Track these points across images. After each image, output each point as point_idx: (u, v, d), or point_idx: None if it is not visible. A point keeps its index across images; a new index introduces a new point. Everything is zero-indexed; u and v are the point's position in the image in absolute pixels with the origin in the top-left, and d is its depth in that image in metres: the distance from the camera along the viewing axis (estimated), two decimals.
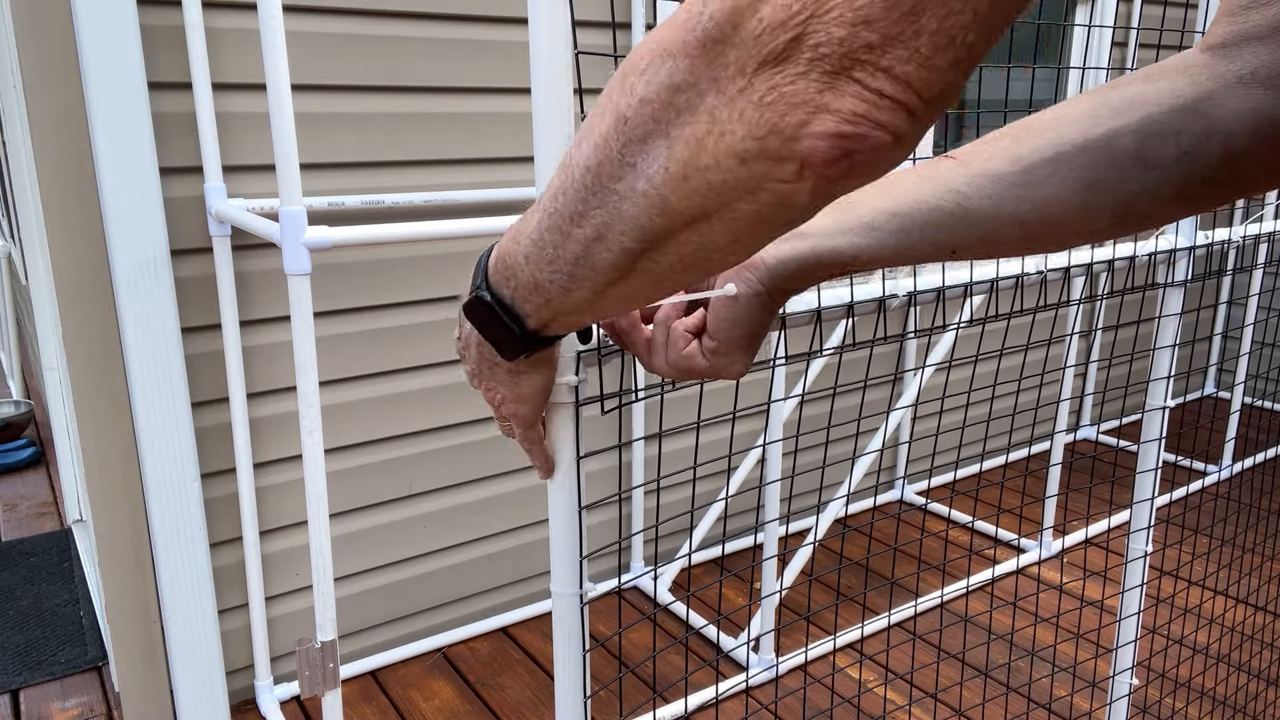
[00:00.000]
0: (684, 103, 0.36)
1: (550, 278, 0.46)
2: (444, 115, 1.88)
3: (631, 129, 0.38)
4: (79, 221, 1.53)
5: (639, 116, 0.37)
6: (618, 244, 0.41)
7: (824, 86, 0.33)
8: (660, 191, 0.38)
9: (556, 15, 0.57)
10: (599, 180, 0.40)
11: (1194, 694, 1.88)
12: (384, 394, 1.93)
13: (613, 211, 0.40)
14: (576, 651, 0.64)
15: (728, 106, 0.35)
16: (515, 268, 0.49)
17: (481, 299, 0.52)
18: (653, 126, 0.37)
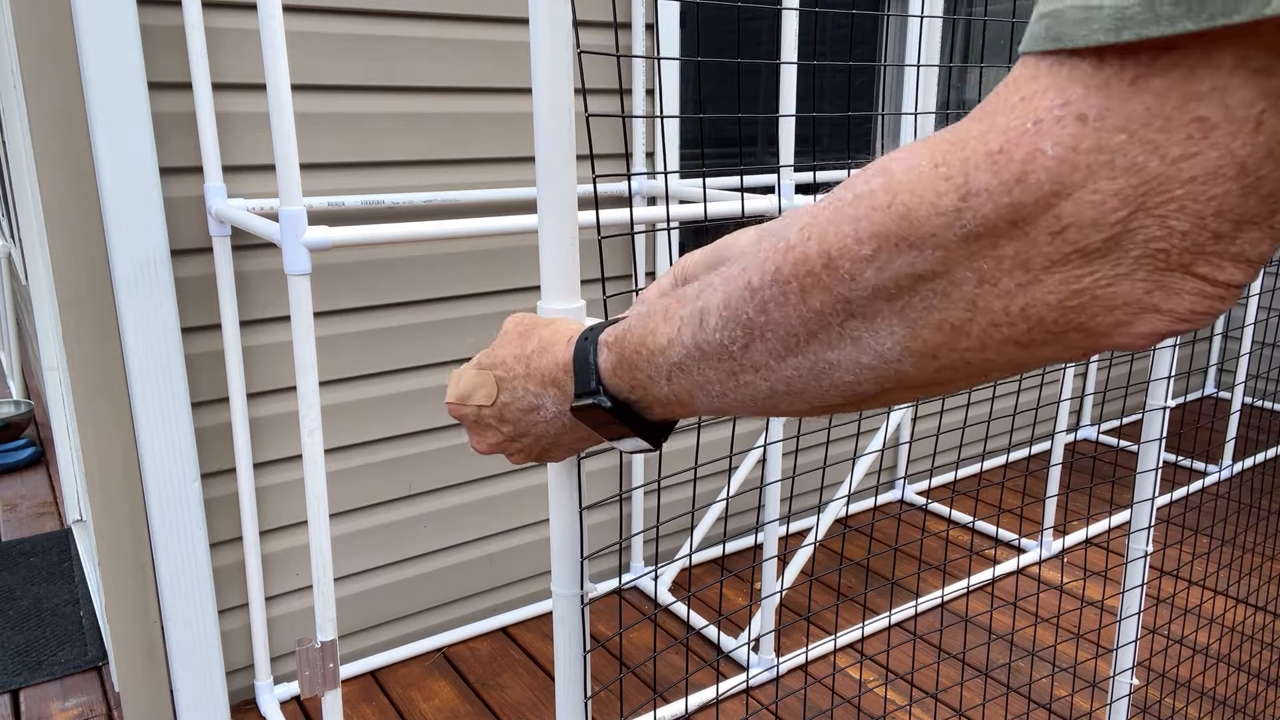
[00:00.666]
0: (929, 289, 0.32)
1: (703, 401, 0.43)
2: (444, 115, 1.88)
3: (855, 309, 0.34)
4: (79, 221, 1.53)
5: (865, 303, 0.34)
6: (817, 400, 0.39)
7: (1153, 286, 0.29)
8: (895, 367, 0.35)
9: (557, 15, 0.57)
10: (802, 346, 0.37)
11: (1194, 694, 1.88)
12: (384, 394, 1.93)
13: (816, 375, 0.37)
14: (577, 652, 0.64)
15: (1002, 301, 0.31)
16: (647, 383, 0.46)
17: (600, 405, 0.48)
18: (883, 307, 0.33)
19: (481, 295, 2.01)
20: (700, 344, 0.41)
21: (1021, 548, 2.51)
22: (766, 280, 0.36)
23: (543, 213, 0.61)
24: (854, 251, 0.33)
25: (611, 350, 0.48)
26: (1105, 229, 0.28)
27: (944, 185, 0.30)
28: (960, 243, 0.30)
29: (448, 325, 1.98)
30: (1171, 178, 0.27)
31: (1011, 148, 0.29)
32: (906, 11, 2.59)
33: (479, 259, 1.98)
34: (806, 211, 0.36)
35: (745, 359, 0.39)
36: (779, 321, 0.37)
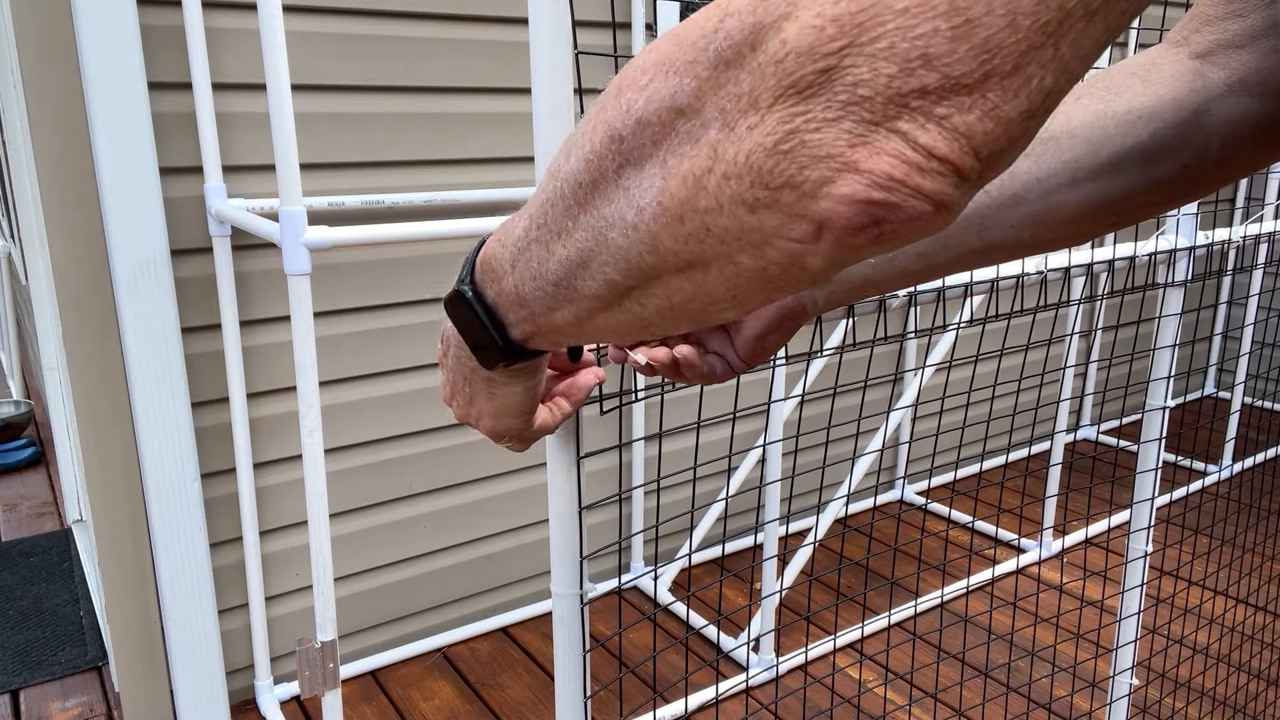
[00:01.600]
0: (685, 131, 0.31)
1: (534, 293, 0.42)
2: (444, 115, 1.88)
3: (627, 150, 0.33)
4: (79, 221, 1.53)
5: (635, 138, 0.33)
6: (601, 274, 0.37)
7: (856, 139, 0.28)
8: (651, 227, 0.34)
9: (557, 15, 0.57)
10: (588, 198, 0.36)
11: (1194, 694, 1.88)
12: (384, 394, 1.93)
13: (599, 237, 0.36)
14: (576, 651, 0.64)
15: (734, 145, 0.30)
16: (500, 272, 0.45)
17: (463, 294, 0.47)
18: (650, 151, 0.32)
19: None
20: (530, 213, 0.41)
21: (1021, 548, 2.51)
22: (579, 126, 0.36)
23: None
24: (635, 80, 0.33)
25: (487, 246, 0.47)
26: (819, 59, 0.27)
27: (714, 11, 0.30)
28: (712, 69, 0.30)
29: None
30: (886, 5, 0.26)
31: None
32: None
33: None
34: None
35: (552, 220, 0.38)
36: (572, 171, 0.36)
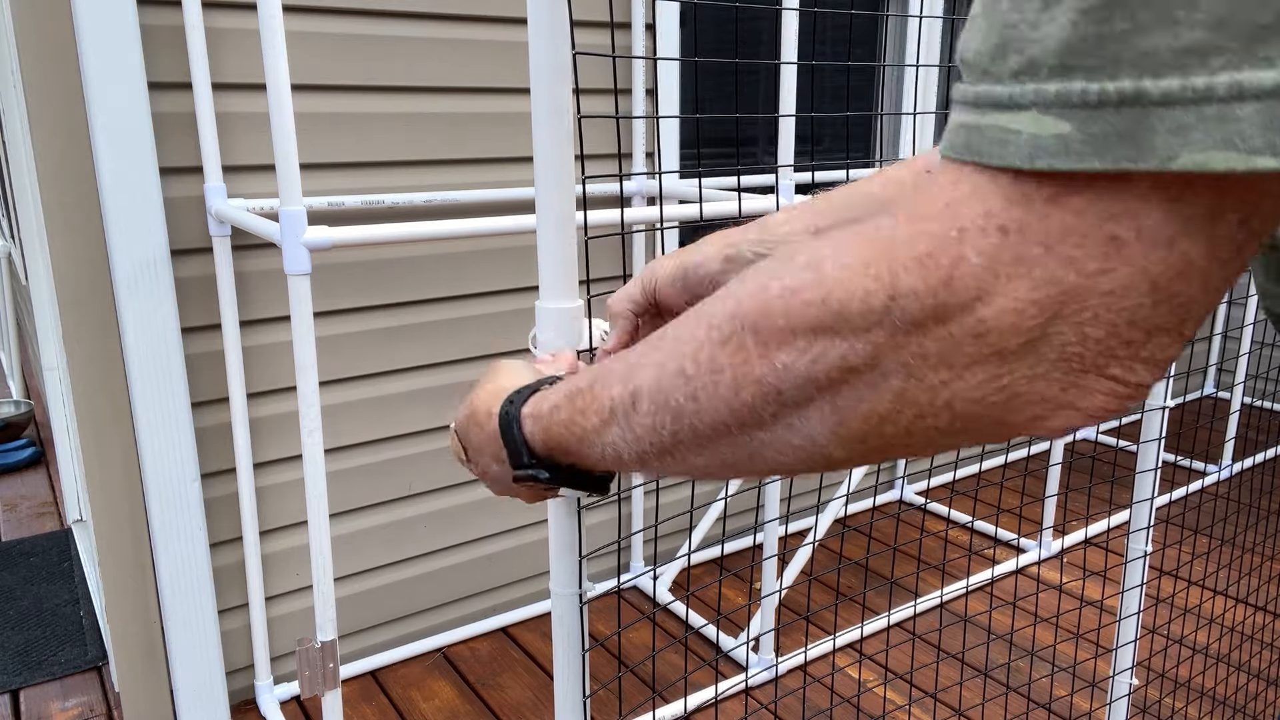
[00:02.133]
0: (861, 382, 0.33)
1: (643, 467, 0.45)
2: (444, 115, 1.88)
3: (788, 399, 0.35)
4: (79, 221, 1.53)
5: (799, 391, 0.35)
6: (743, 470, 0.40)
7: (1068, 385, 0.30)
8: (824, 450, 0.36)
9: (556, 17, 0.57)
10: (732, 433, 0.38)
11: (1194, 694, 1.88)
12: (384, 394, 1.93)
13: (748, 451, 0.38)
14: (576, 651, 0.64)
15: (927, 393, 0.32)
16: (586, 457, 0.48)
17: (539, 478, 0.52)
18: (815, 396, 0.35)
19: (481, 295, 2.01)
20: (632, 425, 0.42)
21: (1021, 547, 2.51)
22: (701, 369, 0.37)
23: (541, 213, 0.61)
24: (789, 344, 0.34)
25: (537, 424, 0.50)
26: (1023, 334, 0.30)
27: (874, 285, 0.32)
28: (889, 339, 0.32)
29: (448, 325, 1.98)
30: (1088, 289, 0.29)
31: (938, 253, 0.30)
32: (906, 11, 2.59)
33: (479, 259, 1.98)
34: (732, 297, 0.37)
35: (676, 439, 0.41)
36: (708, 409, 0.38)
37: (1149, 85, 0.27)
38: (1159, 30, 0.26)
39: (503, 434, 0.52)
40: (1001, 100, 0.30)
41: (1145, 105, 0.27)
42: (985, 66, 0.30)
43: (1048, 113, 0.28)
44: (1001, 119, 0.29)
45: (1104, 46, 0.27)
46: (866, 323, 0.32)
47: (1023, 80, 0.29)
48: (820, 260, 0.34)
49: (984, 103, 0.30)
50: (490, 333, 2.03)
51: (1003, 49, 0.30)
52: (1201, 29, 0.26)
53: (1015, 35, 0.29)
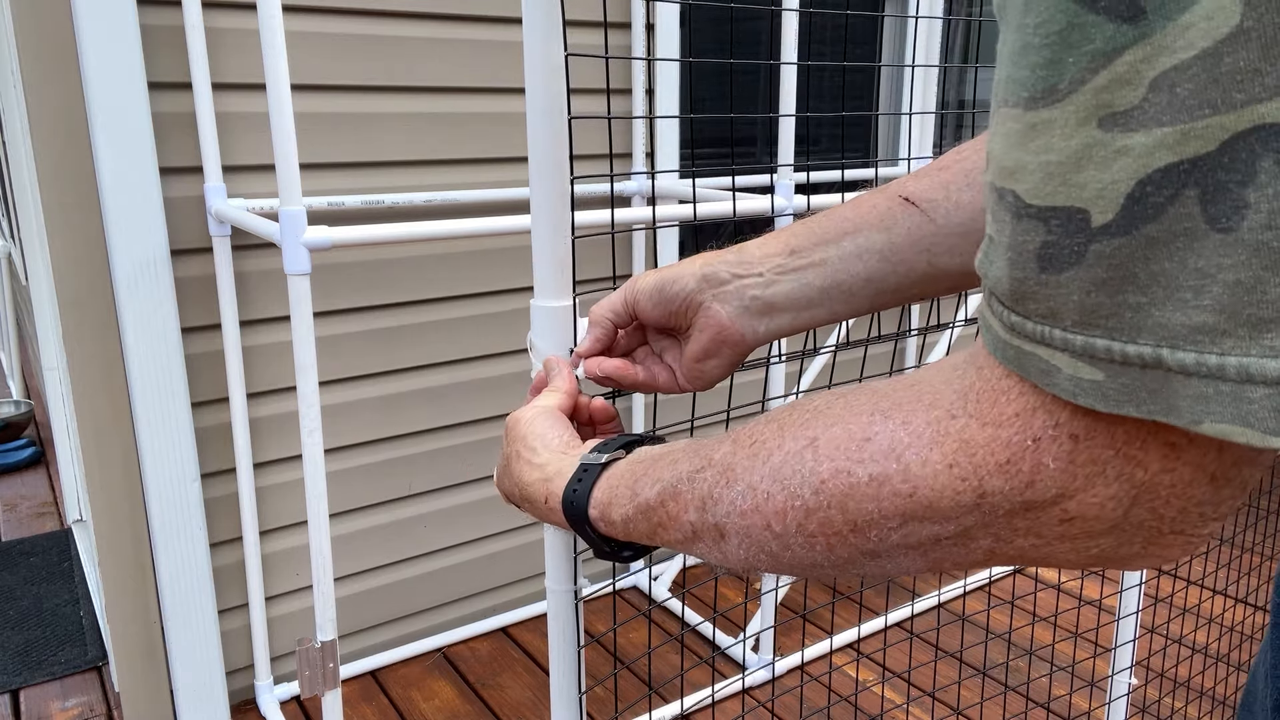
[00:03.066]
0: (949, 544, 0.37)
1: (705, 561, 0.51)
2: (444, 115, 1.89)
3: (877, 555, 0.39)
4: (79, 221, 1.54)
5: (891, 553, 0.39)
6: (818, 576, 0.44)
7: (1148, 545, 0.33)
8: (908, 574, 0.41)
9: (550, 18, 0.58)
10: (823, 570, 0.42)
11: (1193, 693, 1.88)
12: (384, 394, 1.93)
13: (836, 576, 0.43)
14: (571, 648, 0.64)
15: (1017, 550, 0.35)
16: (658, 544, 0.52)
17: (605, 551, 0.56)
18: (903, 553, 0.38)
19: (481, 295, 2.01)
20: (722, 553, 0.46)
21: None
22: (789, 530, 0.41)
23: (535, 212, 0.61)
24: (880, 525, 0.38)
25: (611, 529, 0.53)
26: (1106, 520, 0.33)
27: (961, 485, 0.35)
28: (979, 523, 0.35)
29: (448, 325, 1.98)
30: (1157, 483, 0.31)
31: (1018, 460, 0.33)
32: (905, 12, 2.59)
33: (479, 259, 1.99)
34: (808, 469, 0.40)
35: (771, 565, 0.44)
36: (804, 560, 0.42)
37: (1167, 355, 0.28)
38: (1171, 307, 0.27)
39: (574, 527, 0.55)
40: (1034, 336, 0.31)
41: (1166, 371, 0.28)
42: (1010, 304, 0.32)
43: (1079, 359, 0.30)
44: (1040, 351, 0.31)
45: (1120, 314, 0.28)
46: (956, 514, 0.35)
47: (1050, 324, 0.30)
48: (900, 449, 0.36)
49: (1020, 333, 0.32)
50: (491, 332, 2.04)
51: (1021, 297, 0.31)
52: (1209, 313, 0.26)
53: (1029, 290, 0.30)
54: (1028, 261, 0.30)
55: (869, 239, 0.57)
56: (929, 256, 0.56)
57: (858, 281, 0.58)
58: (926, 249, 0.56)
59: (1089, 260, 0.28)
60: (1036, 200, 0.29)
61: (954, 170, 0.57)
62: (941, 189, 0.56)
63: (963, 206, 0.55)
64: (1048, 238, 0.29)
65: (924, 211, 0.56)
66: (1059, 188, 0.28)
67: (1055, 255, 0.29)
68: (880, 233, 0.57)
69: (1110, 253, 0.28)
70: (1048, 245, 0.29)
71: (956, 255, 0.56)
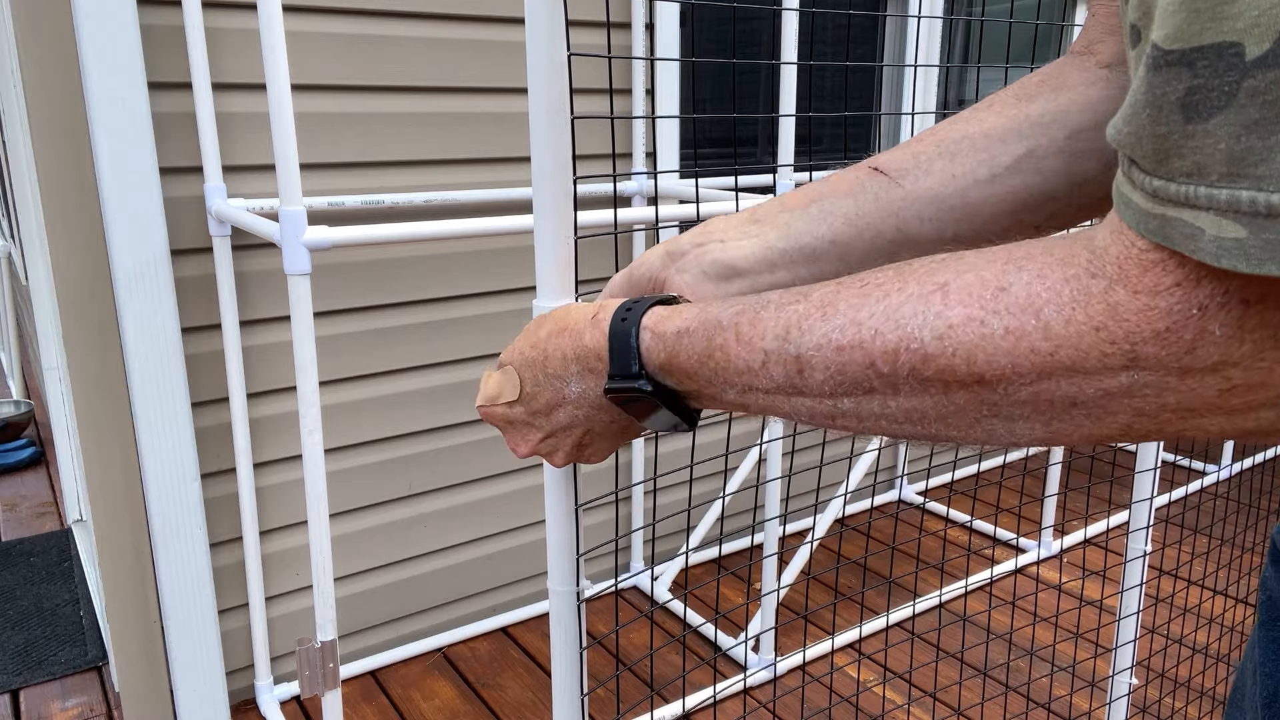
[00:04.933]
0: (1087, 416, 0.35)
1: (776, 414, 0.45)
2: (444, 115, 1.88)
3: (1000, 413, 0.37)
4: (79, 221, 1.53)
5: (1013, 410, 0.36)
6: (905, 437, 0.41)
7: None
8: (1018, 443, 0.38)
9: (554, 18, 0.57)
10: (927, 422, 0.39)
11: (1194, 693, 1.88)
12: (384, 394, 1.93)
13: (930, 434, 0.40)
14: (573, 648, 0.64)
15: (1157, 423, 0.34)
16: (712, 393, 0.47)
17: (644, 390, 0.49)
18: (1030, 415, 0.36)
19: (481, 295, 2.01)
20: (798, 387, 0.42)
21: (1020, 547, 2.51)
22: (900, 373, 0.38)
23: (538, 212, 0.61)
24: (1012, 379, 0.35)
25: (660, 344, 0.48)
26: (1274, 388, 0.31)
27: (1110, 349, 0.33)
28: (1124, 389, 0.33)
29: (448, 325, 1.98)
30: None
31: (1179, 329, 0.31)
32: (906, 11, 2.59)
33: (479, 259, 1.99)
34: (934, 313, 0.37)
35: (853, 410, 0.41)
36: (909, 405, 0.39)
37: None
38: None
39: (612, 339, 0.49)
40: (1177, 198, 0.30)
41: None
42: (1151, 167, 0.31)
43: (1224, 216, 0.29)
44: (1184, 214, 0.30)
45: (1272, 159, 0.27)
46: (1101, 377, 0.33)
47: (1194, 182, 0.29)
48: (1040, 304, 0.34)
49: (1162, 197, 0.31)
50: (491, 332, 2.04)
51: (1163, 155, 0.30)
52: None
53: (1174, 146, 0.29)
54: (1171, 114, 0.29)
55: (835, 204, 0.56)
56: (897, 222, 0.55)
57: (822, 243, 0.56)
58: (894, 214, 0.55)
59: (1240, 100, 0.27)
60: (1179, 44, 0.28)
61: (927, 142, 0.56)
62: (912, 158, 0.56)
63: (933, 174, 0.55)
64: (1194, 82, 0.28)
65: (892, 178, 0.56)
66: (1208, 24, 0.27)
67: (1202, 100, 0.28)
68: (847, 198, 0.56)
69: (1265, 87, 0.26)
70: (1194, 91, 0.28)
71: (927, 222, 0.55)
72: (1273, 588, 0.51)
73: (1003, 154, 0.54)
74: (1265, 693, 0.49)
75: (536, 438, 0.56)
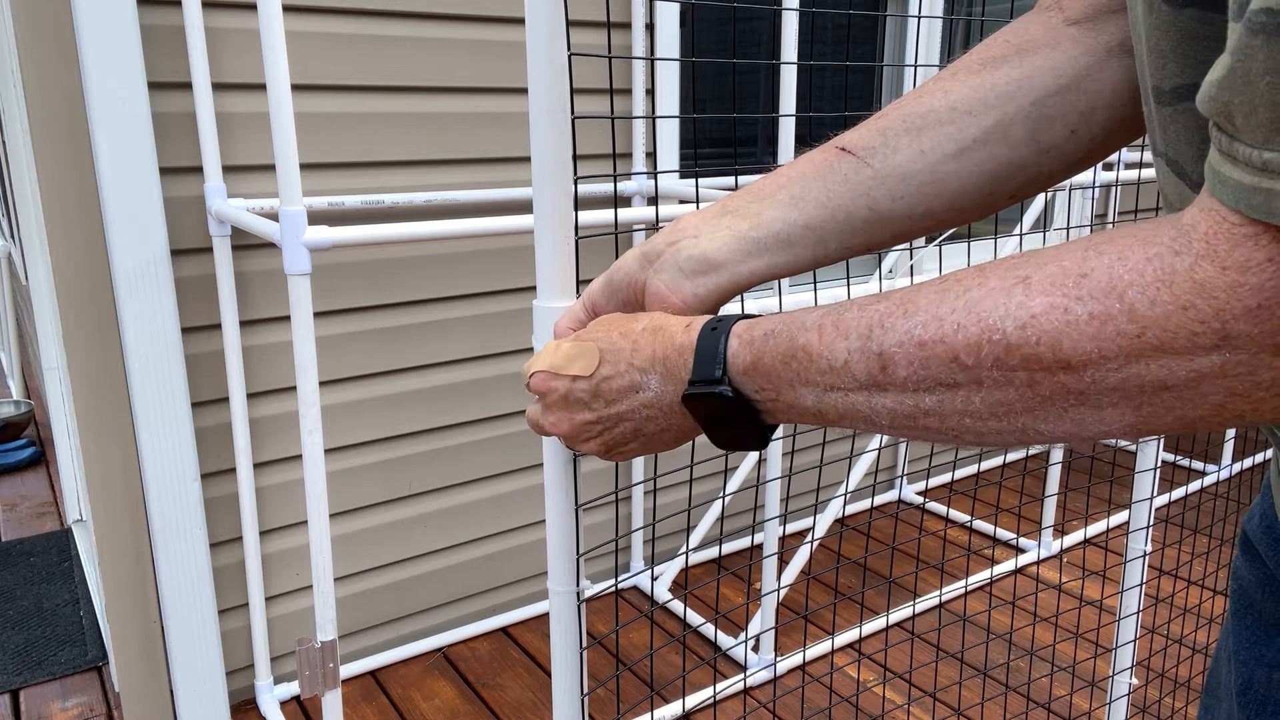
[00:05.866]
0: (1178, 399, 0.34)
1: (857, 426, 0.45)
2: (444, 115, 1.88)
3: (1088, 400, 0.36)
4: (79, 221, 1.53)
5: (1101, 397, 0.36)
6: (996, 445, 0.40)
7: None
8: (1105, 437, 0.37)
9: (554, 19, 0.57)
10: (1013, 416, 0.38)
11: (1193, 693, 1.88)
12: (384, 394, 1.93)
13: (1017, 436, 0.39)
14: (573, 649, 0.64)
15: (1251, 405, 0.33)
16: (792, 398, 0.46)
17: (724, 395, 0.48)
18: (1120, 402, 0.36)
19: (481, 295, 2.01)
20: (881, 385, 0.42)
21: (1020, 547, 2.51)
22: (983, 364, 0.38)
23: (538, 212, 0.61)
24: (1099, 364, 0.35)
25: (746, 348, 0.47)
26: None
27: (1199, 328, 0.32)
28: (1216, 369, 0.32)
29: (448, 325, 1.98)
30: None
31: (1272, 305, 0.31)
32: (906, 11, 2.59)
33: (479, 259, 1.99)
34: (1016, 304, 0.37)
35: (937, 409, 0.40)
36: (994, 398, 0.38)
37: None
38: None
39: (700, 343, 0.49)
40: None
41: None
42: (1264, 139, 0.30)
43: None
44: None
45: None
46: (1191, 357, 0.33)
47: None
48: (1122, 287, 0.34)
49: (1272, 170, 0.30)
50: (491, 332, 2.04)
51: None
52: None
53: None
54: None
55: (805, 187, 0.56)
56: (868, 202, 0.55)
57: (795, 229, 0.55)
58: (865, 194, 0.55)
59: None
60: None
61: (892, 117, 0.56)
62: (879, 135, 0.55)
63: (901, 150, 0.54)
64: None
65: (860, 158, 0.55)
66: None
67: None
68: (816, 181, 0.56)
69: None
70: None
71: (898, 200, 0.55)
72: (1243, 576, 0.51)
73: (970, 126, 0.54)
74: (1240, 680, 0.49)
75: (587, 418, 0.54)
